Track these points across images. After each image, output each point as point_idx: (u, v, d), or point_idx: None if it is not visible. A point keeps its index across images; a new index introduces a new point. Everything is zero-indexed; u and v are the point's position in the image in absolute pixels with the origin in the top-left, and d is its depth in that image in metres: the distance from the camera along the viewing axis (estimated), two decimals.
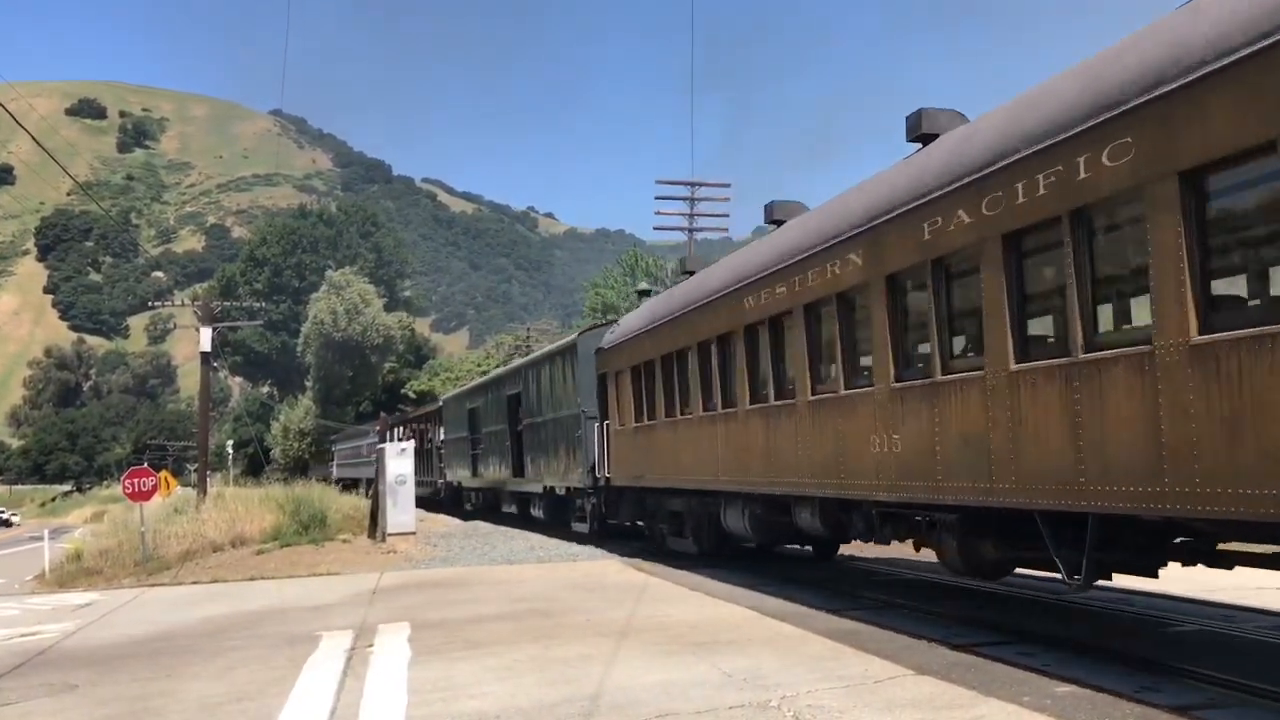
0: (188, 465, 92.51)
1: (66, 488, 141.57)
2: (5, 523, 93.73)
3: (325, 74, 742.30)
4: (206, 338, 34.94)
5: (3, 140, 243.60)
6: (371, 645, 9.83)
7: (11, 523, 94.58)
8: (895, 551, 14.79)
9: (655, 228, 42.40)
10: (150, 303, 76.79)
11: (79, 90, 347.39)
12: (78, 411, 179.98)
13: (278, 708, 7.40)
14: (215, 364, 59.74)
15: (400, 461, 23.79)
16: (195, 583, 18.31)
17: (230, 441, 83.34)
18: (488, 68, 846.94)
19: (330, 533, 24.26)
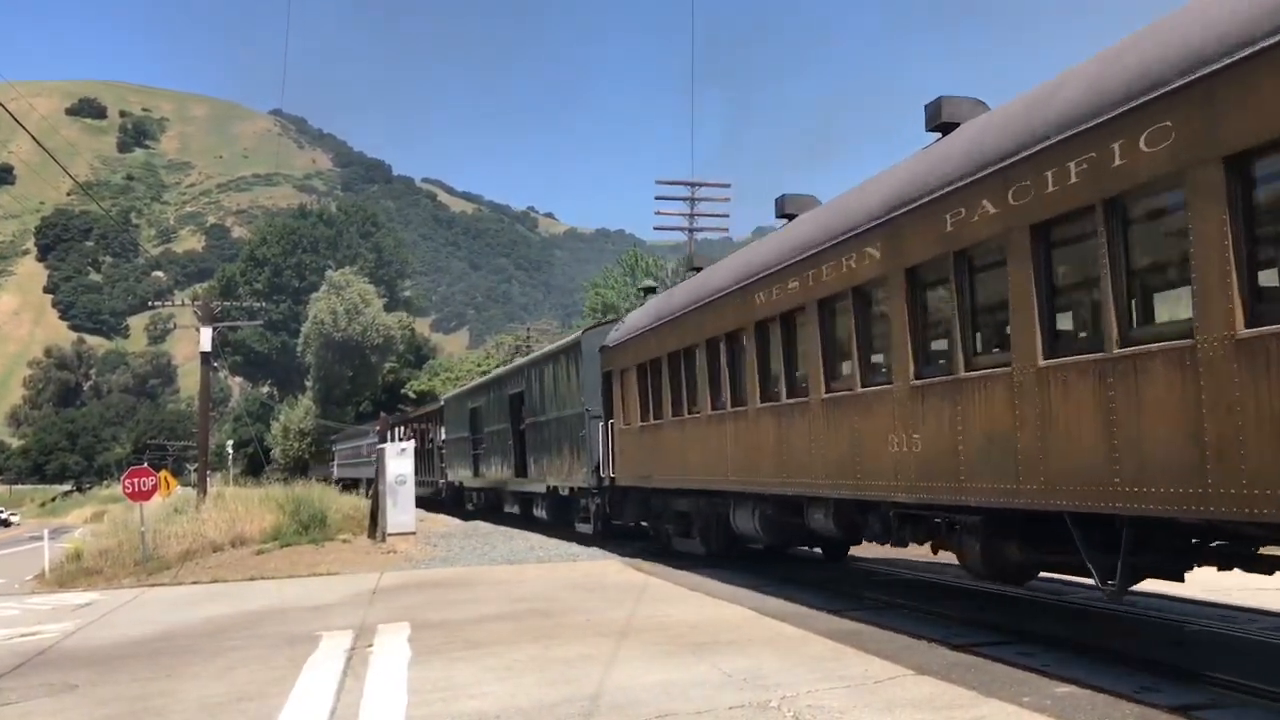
0: (188, 465, 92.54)
1: (66, 488, 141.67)
2: (4, 523, 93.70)
3: (325, 74, 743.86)
4: (206, 338, 34.95)
5: (3, 140, 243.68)
6: (371, 645, 9.80)
7: (11, 523, 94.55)
8: (895, 552, 14.76)
9: (655, 228, 42.37)
10: (150, 303, 76.85)
11: (79, 90, 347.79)
12: (78, 411, 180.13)
13: (278, 708, 7.36)
14: (215, 364, 59.73)
15: (400, 461, 23.78)
16: (195, 583, 18.28)
17: (230, 441, 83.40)
18: (488, 68, 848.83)
19: (330, 533, 24.23)
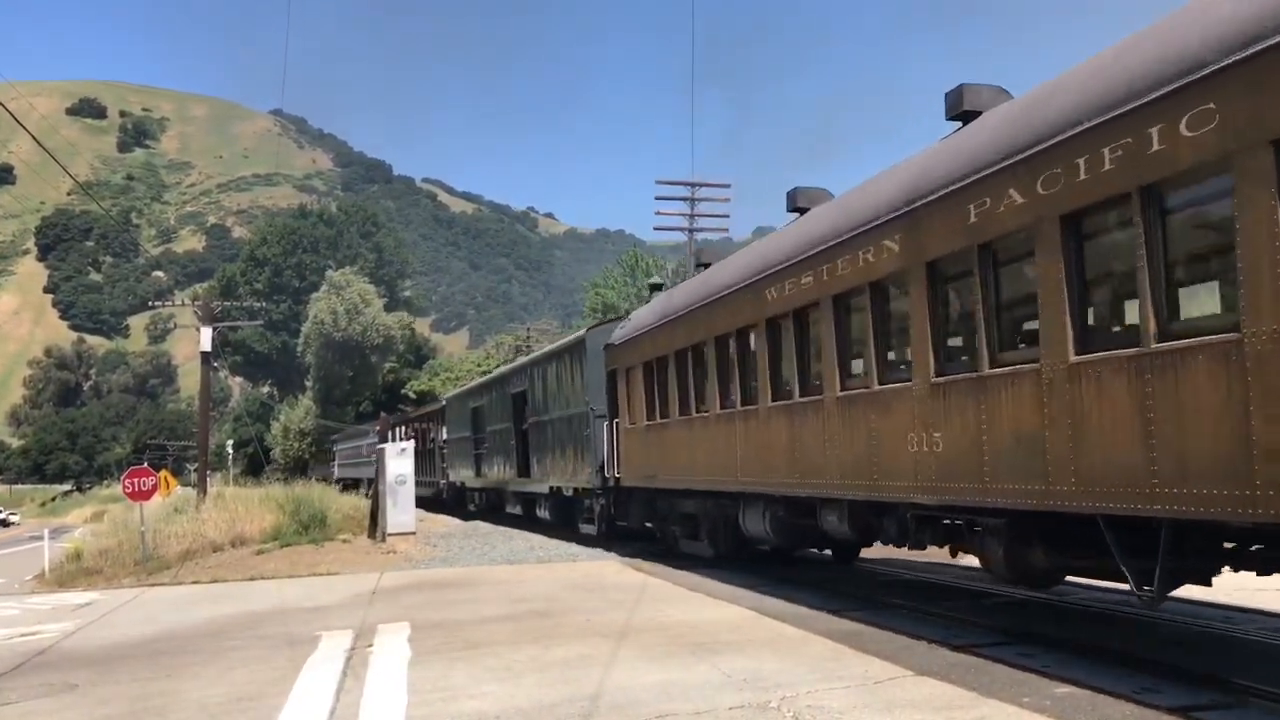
0: (188, 465, 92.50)
1: (66, 487, 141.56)
2: (4, 523, 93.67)
3: (325, 74, 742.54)
4: (207, 338, 34.95)
5: (3, 140, 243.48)
6: (371, 645, 9.84)
7: (11, 522, 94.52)
8: (895, 553, 14.79)
9: (655, 228, 42.36)
10: (150, 302, 76.74)
11: (79, 90, 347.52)
12: (78, 411, 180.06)
13: (278, 708, 7.41)
14: (215, 364, 59.75)
15: (400, 461, 23.78)
16: (195, 583, 18.30)
17: (230, 441, 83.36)
18: (488, 68, 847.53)
19: (330, 533, 24.25)
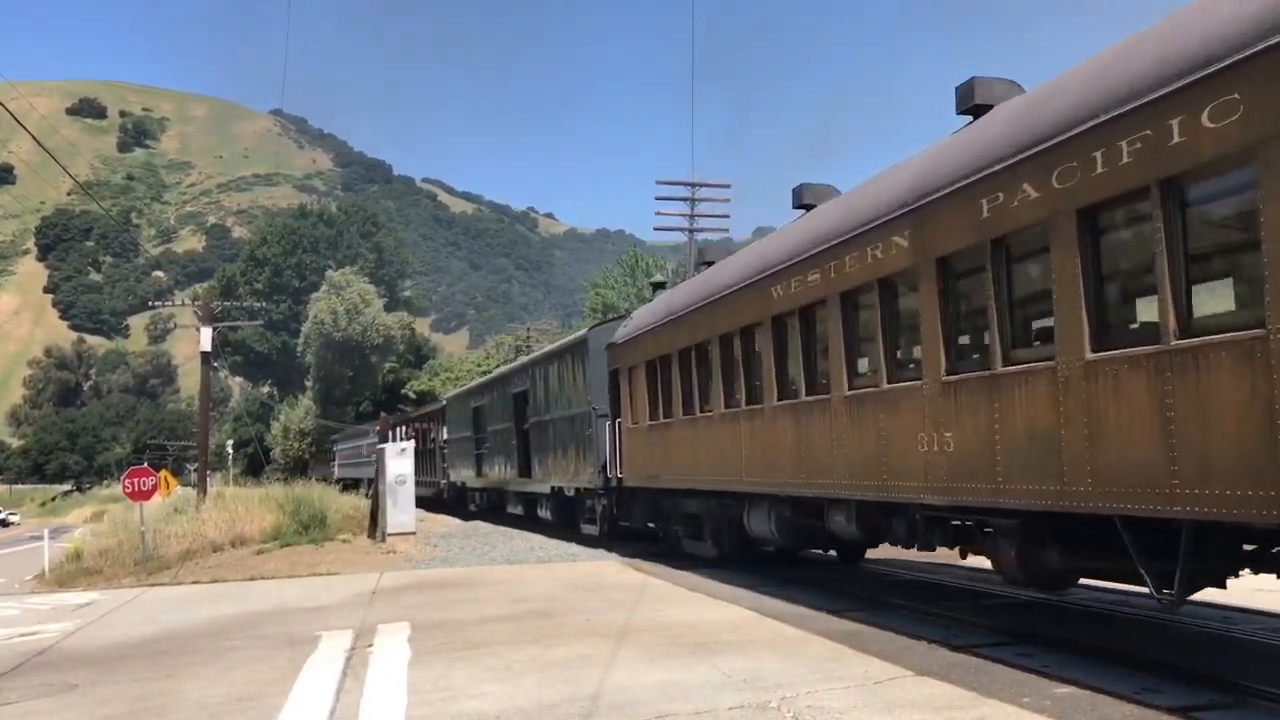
0: (188, 465, 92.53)
1: (66, 487, 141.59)
2: (4, 523, 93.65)
3: (325, 74, 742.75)
4: (207, 338, 34.96)
5: (3, 140, 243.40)
6: (371, 645, 9.84)
7: (10, 523, 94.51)
8: (896, 553, 14.80)
9: (655, 228, 42.34)
10: (150, 302, 76.74)
11: (79, 90, 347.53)
12: (78, 411, 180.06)
13: (278, 708, 7.41)
14: (215, 364, 59.76)
15: (400, 461, 23.78)
16: (195, 583, 18.31)
17: (230, 441, 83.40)
18: (488, 68, 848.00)
19: (330, 533, 24.26)
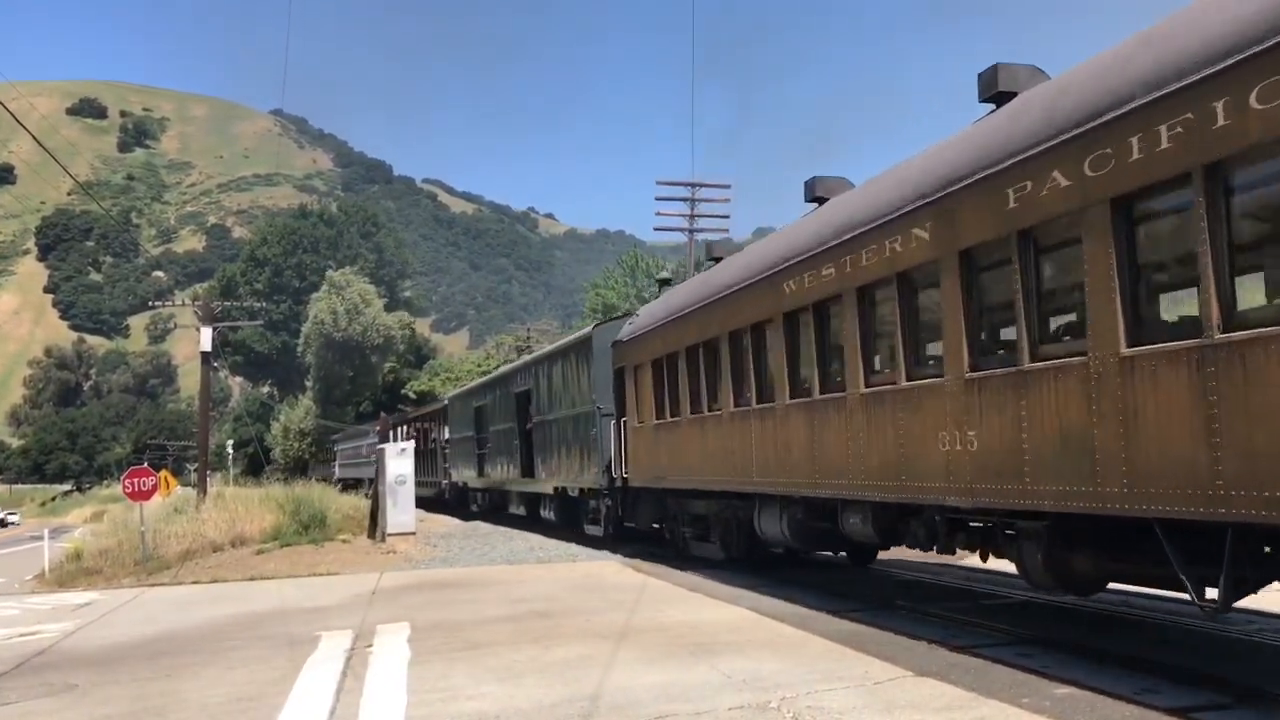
0: (188, 465, 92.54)
1: (66, 487, 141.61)
2: (4, 523, 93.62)
3: (325, 74, 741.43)
4: (207, 338, 34.98)
5: (3, 140, 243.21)
6: (371, 646, 9.85)
7: (9, 523, 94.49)
8: (896, 554, 14.79)
9: (655, 228, 42.41)
10: (150, 303, 76.77)
11: (79, 90, 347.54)
12: (78, 411, 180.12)
13: (278, 708, 7.42)
14: (215, 364, 59.74)
15: (400, 461, 23.79)
16: (195, 583, 18.32)
17: (230, 441, 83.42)
18: (488, 68, 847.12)
19: (330, 533, 24.27)
